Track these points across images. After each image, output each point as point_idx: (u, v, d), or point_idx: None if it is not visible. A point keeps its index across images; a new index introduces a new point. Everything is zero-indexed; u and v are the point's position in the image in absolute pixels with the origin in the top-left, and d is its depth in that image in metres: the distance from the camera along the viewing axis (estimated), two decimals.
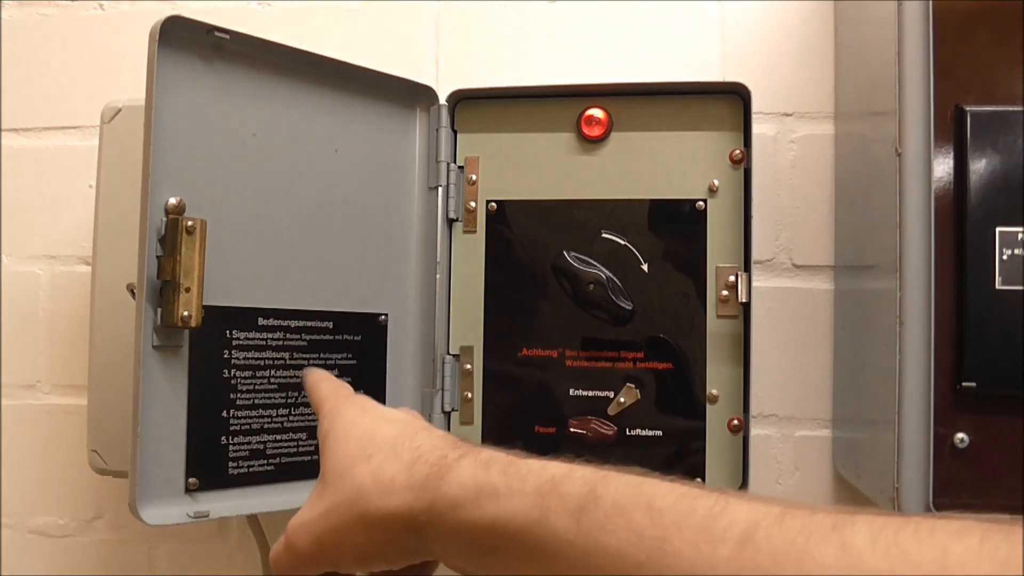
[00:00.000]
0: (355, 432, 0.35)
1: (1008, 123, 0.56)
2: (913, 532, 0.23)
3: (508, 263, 0.70)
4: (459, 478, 0.30)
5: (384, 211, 0.70)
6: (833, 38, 0.79)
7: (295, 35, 0.68)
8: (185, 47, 0.58)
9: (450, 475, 0.31)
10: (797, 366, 0.76)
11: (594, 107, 0.69)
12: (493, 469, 0.30)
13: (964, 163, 0.56)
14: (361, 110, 0.68)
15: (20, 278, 0.87)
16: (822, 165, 0.78)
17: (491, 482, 0.30)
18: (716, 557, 0.24)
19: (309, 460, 0.65)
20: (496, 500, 0.29)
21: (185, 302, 0.55)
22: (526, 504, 0.28)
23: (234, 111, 0.61)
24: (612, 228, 0.68)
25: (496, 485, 0.29)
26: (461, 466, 0.31)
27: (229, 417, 0.60)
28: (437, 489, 0.31)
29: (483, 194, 0.70)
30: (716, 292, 0.67)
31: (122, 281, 0.69)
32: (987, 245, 0.56)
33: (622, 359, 0.67)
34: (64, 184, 0.87)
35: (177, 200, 0.56)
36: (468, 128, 0.71)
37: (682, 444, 0.67)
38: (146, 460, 0.55)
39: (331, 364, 0.66)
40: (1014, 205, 0.56)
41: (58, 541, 0.86)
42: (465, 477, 0.30)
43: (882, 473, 0.60)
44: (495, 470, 0.30)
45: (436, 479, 0.31)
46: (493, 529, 0.29)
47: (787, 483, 0.78)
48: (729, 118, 0.68)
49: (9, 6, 0.89)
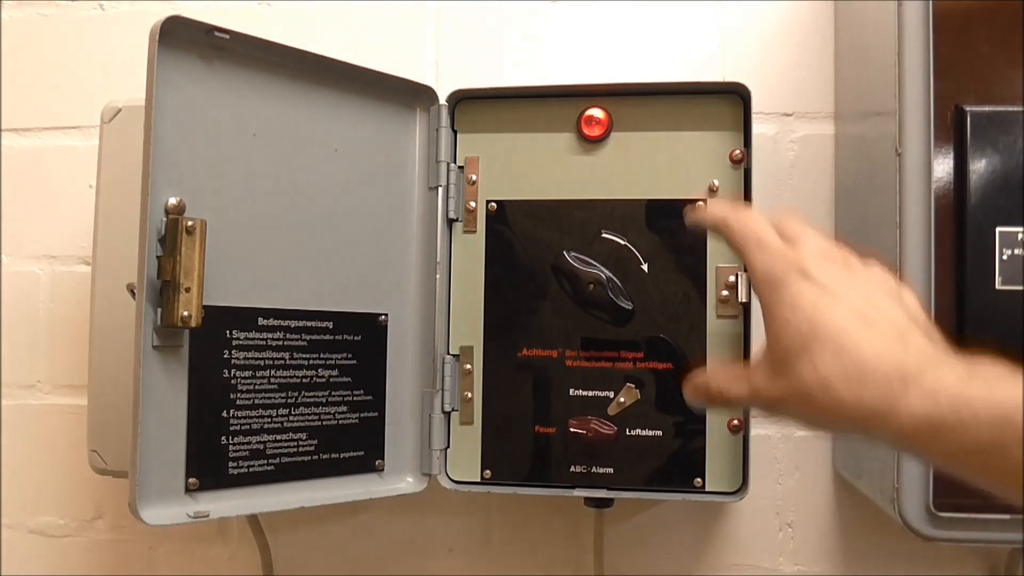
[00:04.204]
0: (796, 318, 0.36)
1: (1008, 123, 0.56)
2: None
3: (508, 263, 0.70)
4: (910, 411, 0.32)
5: (384, 211, 0.70)
6: (833, 38, 0.79)
7: (295, 35, 0.69)
8: (185, 47, 0.58)
9: (900, 407, 0.32)
10: None
11: (594, 107, 0.69)
12: (943, 394, 0.31)
13: (964, 163, 0.56)
14: (361, 110, 0.68)
15: (20, 278, 0.87)
16: (822, 165, 0.78)
17: (942, 415, 0.31)
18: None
19: (309, 460, 0.65)
20: (947, 434, 0.31)
21: (185, 302, 0.55)
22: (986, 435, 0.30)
23: (234, 111, 0.61)
24: (612, 228, 0.68)
25: (947, 419, 0.31)
26: (910, 394, 0.32)
27: (229, 417, 0.60)
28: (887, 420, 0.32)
29: (483, 194, 0.70)
30: (716, 292, 0.67)
31: (122, 281, 0.69)
32: (987, 245, 0.56)
33: (622, 359, 0.67)
34: (64, 184, 0.87)
35: (177, 200, 0.56)
36: (468, 128, 0.71)
37: (682, 444, 0.67)
38: (146, 460, 0.55)
39: (331, 364, 0.66)
40: (1014, 205, 0.56)
41: (58, 541, 0.86)
42: (916, 410, 0.32)
43: (882, 473, 0.60)
44: (944, 396, 0.31)
45: (885, 410, 0.32)
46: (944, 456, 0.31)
47: (787, 483, 0.78)
48: (729, 118, 0.68)
49: (9, 6, 0.89)
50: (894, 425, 0.32)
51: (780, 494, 0.78)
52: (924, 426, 0.31)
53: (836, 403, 0.34)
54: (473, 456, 0.69)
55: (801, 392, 0.35)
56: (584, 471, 0.67)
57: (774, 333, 0.37)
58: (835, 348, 0.34)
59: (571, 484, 0.68)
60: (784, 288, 0.37)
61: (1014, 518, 0.55)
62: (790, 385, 0.35)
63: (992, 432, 0.30)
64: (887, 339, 0.34)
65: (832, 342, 0.34)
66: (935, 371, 0.32)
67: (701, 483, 0.66)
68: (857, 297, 0.36)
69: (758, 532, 0.78)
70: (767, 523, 0.78)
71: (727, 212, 0.42)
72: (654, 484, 0.67)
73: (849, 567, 0.77)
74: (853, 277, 0.37)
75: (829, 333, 0.34)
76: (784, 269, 0.37)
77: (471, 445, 0.69)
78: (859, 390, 0.33)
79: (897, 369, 0.33)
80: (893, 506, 0.57)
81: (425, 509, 0.82)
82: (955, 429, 0.30)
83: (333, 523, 0.84)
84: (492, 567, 0.81)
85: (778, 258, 0.38)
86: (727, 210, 0.42)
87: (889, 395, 0.32)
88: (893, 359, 0.33)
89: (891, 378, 0.32)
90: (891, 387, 0.32)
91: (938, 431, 0.31)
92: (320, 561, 0.84)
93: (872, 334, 0.34)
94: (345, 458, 0.67)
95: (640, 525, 0.80)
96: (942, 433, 0.31)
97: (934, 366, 0.32)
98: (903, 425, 0.32)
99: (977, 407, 0.30)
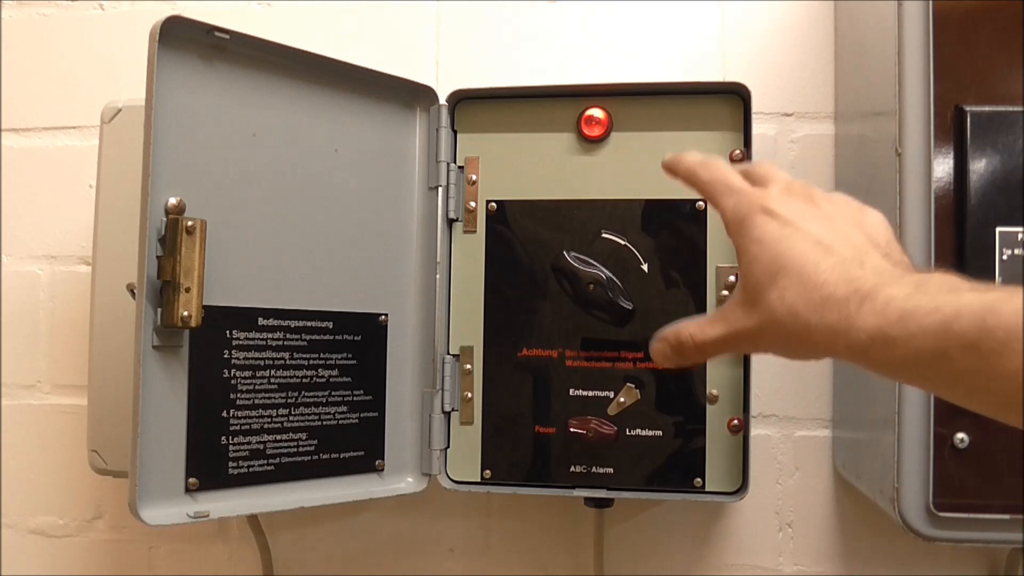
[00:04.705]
0: (763, 253, 0.38)
1: (1008, 123, 0.56)
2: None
3: (508, 263, 0.70)
4: (864, 324, 0.33)
5: (384, 211, 0.70)
6: (833, 38, 0.79)
7: (295, 35, 0.68)
8: (185, 47, 0.58)
9: (856, 321, 0.33)
10: (797, 366, 0.76)
11: (594, 107, 0.69)
12: (891, 311, 0.33)
13: (964, 163, 0.56)
14: (361, 110, 0.68)
15: (20, 278, 0.87)
16: (822, 165, 0.78)
17: (889, 330, 0.32)
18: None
19: (309, 460, 0.65)
20: (893, 346, 0.32)
21: (185, 302, 0.55)
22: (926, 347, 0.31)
23: (234, 111, 0.61)
24: (612, 228, 0.68)
25: (893, 332, 0.32)
26: (864, 309, 0.33)
27: (229, 417, 0.60)
28: (847, 335, 0.34)
29: (483, 194, 0.70)
30: (716, 292, 0.67)
31: (122, 281, 0.69)
32: (987, 245, 0.56)
33: (622, 359, 0.67)
34: (64, 184, 0.87)
35: (177, 200, 0.56)
36: (468, 128, 0.71)
37: (682, 444, 0.67)
38: (146, 460, 0.55)
39: (331, 364, 0.66)
40: (1014, 205, 0.56)
41: (58, 541, 0.86)
42: (868, 323, 0.33)
43: (882, 473, 0.60)
44: (893, 312, 0.33)
45: (845, 327, 0.34)
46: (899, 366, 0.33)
47: (787, 483, 0.78)
48: (729, 118, 0.68)
49: (9, 6, 0.89)
50: (852, 341, 0.34)
51: (780, 494, 0.78)
52: (878, 339, 0.33)
53: (804, 328, 0.35)
54: (473, 456, 0.69)
55: (774, 321, 0.37)
56: (584, 471, 0.67)
57: (745, 269, 0.39)
58: (798, 277, 0.36)
59: (571, 484, 0.68)
60: (751, 226, 0.39)
61: (1014, 518, 0.55)
62: (763, 316, 0.37)
63: (935, 342, 0.31)
64: (845, 263, 0.36)
65: (795, 272, 0.36)
66: (887, 288, 0.34)
67: (701, 483, 0.66)
68: (818, 227, 0.38)
69: (758, 532, 0.78)
70: (767, 523, 0.78)
71: (697, 161, 0.45)
72: (654, 484, 0.67)
73: (849, 567, 0.77)
74: (816, 208, 0.40)
75: (793, 264, 0.37)
76: (750, 209, 0.40)
77: (471, 445, 0.69)
78: (822, 313, 0.35)
79: (855, 290, 0.34)
80: (893, 506, 0.57)
81: (425, 509, 0.82)
82: (903, 340, 0.32)
83: (333, 523, 0.84)
84: (492, 567, 0.81)
85: (743, 199, 0.41)
86: (697, 160, 0.45)
87: (846, 314, 0.34)
88: (850, 281, 0.35)
89: (849, 299, 0.34)
90: (848, 307, 0.34)
91: (889, 344, 0.32)
92: (320, 561, 0.84)
93: (832, 260, 0.36)
94: (345, 458, 0.67)
95: (640, 525, 0.80)
96: (892, 345, 0.32)
97: (887, 283, 0.34)
98: (860, 340, 0.33)
99: (921, 317, 0.32)
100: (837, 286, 0.35)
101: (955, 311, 0.31)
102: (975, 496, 0.56)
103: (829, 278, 0.35)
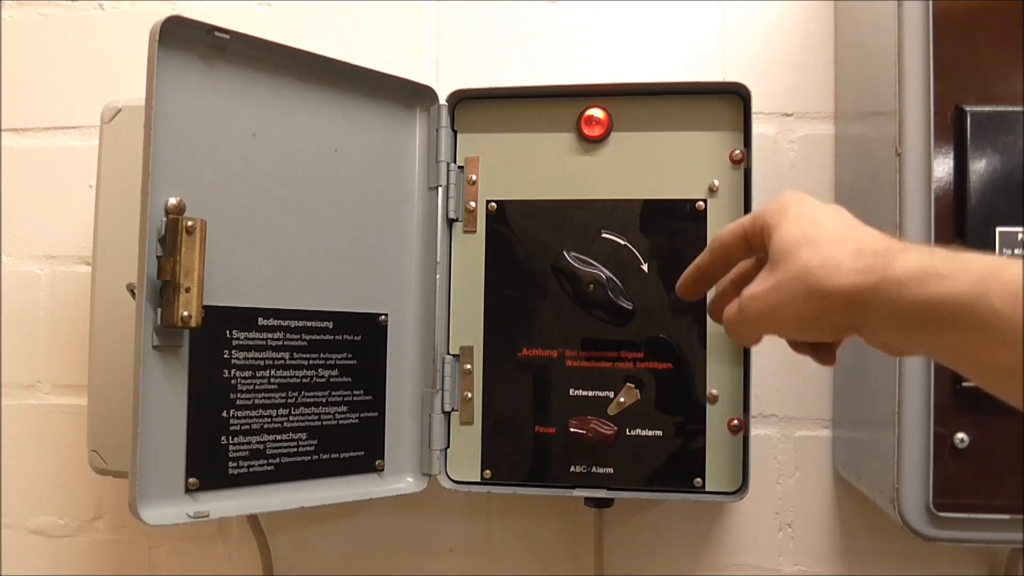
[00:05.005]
0: (800, 222, 0.40)
1: (1008, 123, 0.56)
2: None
3: (508, 263, 0.70)
4: (904, 263, 0.34)
5: (384, 211, 0.70)
6: (833, 38, 0.79)
7: (295, 35, 0.68)
8: (185, 47, 0.58)
9: (896, 261, 0.35)
10: (797, 366, 0.76)
11: (594, 107, 0.69)
12: (937, 257, 0.34)
13: (964, 163, 0.56)
14: (361, 110, 0.68)
15: (20, 278, 0.87)
16: (822, 165, 0.78)
17: (934, 266, 0.33)
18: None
19: (309, 460, 0.65)
20: (940, 281, 0.33)
21: (185, 302, 0.55)
22: (967, 285, 0.32)
23: (234, 111, 0.61)
24: (612, 228, 0.68)
25: (939, 269, 0.33)
26: (906, 254, 0.35)
27: (229, 417, 0.60)
28: (884, 271, 0.35)
29: (483, 194, 0.70)
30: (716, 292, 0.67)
31: (122, 281, 0.69)
32: (987, 245, 0.56)
33: (622, 359, 0.67)
34: (64, 184, 0.87)
35: (177, 200, 0.56)
36: (468, 128, 0.71)
37: (682, 444, 0.67)
38: (146, 460, 0.55)
39: (331, 364, 0.66)
40: (1014, 205, 0.56)
41: (58, 541, 0.87)
42: (910, 262, 0.34)
43: (882, 473, 0.60)
44: (939, 258, 0.34)
45: (882, 264, 0.35)
46: (933, 305, 0.33)
47: (787, 483, 0.78)
48: (729, 118, 0.68)
49: (9, 6, 0.89)
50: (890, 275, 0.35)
51: (780, 494, 0.78)
52: (918, 274, 0.34)
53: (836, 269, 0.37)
54: (473, 456, 0.69)
55: (805, 270, 0.38)
56: (584, 471, 0.67)
57: (776, 245, 0.40)
58: (834, 235, 0.38)
59: (571, 484, 0.68)
60: (786, 207, 0.41)
61: (1014, 518, 0.55)
62: (790, 268, 0.38)
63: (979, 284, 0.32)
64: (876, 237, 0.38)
65: (830, 235, 0.39)
66: (924, 247, 0.36)
67: (701, 483, 0.66)
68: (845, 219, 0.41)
69: (758, 532, 0.78)
70: (767, 523, 0.78)
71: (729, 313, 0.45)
72: (654, 484, 0.67)
73: (849, 567, 0.77)
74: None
75: (827, 231, 0.39)
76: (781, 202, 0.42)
77: (471, 445, 0.69)
78: (856, 256, 0.36)
79: (890, 244, 0.37)
80: (893, 506, 0.57)
81: (425, 509, 0.82)
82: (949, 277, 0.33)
83: (333, 523, 0.84)
84: (492, 567, 0.81)
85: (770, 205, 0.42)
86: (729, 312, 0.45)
87: (884, 260, 0.35)
88: (887, 240, 0.38)
89: (888, 249, 0.36)
90: (886, 255, 0.36)
91: (930, 278, 0.33)
92: (320, 561, 0.84)
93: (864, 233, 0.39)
94: (345, 458, 0.67)
95: (640, 525, 0.80)
96: (935, 280, 0.33)
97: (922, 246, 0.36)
98: (897, 275, 0.34)
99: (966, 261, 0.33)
100: (876, 240, 0.37)
101: (1002, 263, 0.32)
102: (975, 496, 0.56)
103: (864, 239, 0.38)
